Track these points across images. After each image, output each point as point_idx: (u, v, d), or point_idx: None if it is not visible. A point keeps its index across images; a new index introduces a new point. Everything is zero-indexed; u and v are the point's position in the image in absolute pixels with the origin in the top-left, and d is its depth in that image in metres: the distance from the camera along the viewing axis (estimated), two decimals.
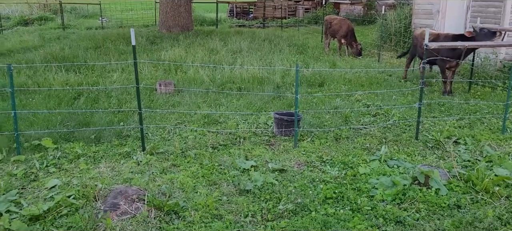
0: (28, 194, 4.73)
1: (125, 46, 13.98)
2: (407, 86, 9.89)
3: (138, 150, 5.99)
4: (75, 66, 10.55)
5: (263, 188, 4.94)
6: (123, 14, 26.56)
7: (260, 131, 6.90)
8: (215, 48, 13.38)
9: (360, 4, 23.87)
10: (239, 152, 5.97)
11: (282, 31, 19.43)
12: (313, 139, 6.56)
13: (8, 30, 20.14)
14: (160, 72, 10.62)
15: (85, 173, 5.26)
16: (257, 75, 9.93)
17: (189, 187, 4.92)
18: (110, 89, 8.86)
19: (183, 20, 18.06)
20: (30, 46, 14.64)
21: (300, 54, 13.30)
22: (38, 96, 8.39)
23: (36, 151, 5.84)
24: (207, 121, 7.28)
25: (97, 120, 7.09)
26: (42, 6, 25.84)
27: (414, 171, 5.18)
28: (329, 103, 8.34)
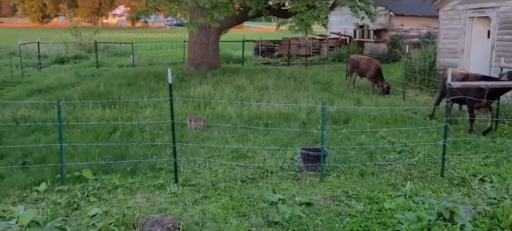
0: (71, 221, 5.07)
1: (155, 83, 14.61)
2: (432, 123, 10.00)
3: (171, 182, 6.31)
4: (110, 102, 11.10)
5: (291, 220, 5.14)
6: (152, 52, 27.65)
7: (287, 165, 7.14)
8: (242, 86, 13.83)
9: (384, 42, 24.19)
10: (267, 186, 6.21)
11: (306, 69, 19.85)
12: (339, 174, 6.75)
13: (46, 67, 21.22)
14: (190, 108, 11.06)
15: (123, 202, 5.58)
16: (283, 112, 10.25)
17: (220, 217, 5.17)
18: (143, 124, 9.30)
19: (211, 58, 18.72)
20: (67, 83, 15.46)
21: (324, 91, 13.59)
22: (76, 131, 8.89)
23: (77, 182, 6.22)
24: (235, 155, 7.58)
25: (132, 153, 7.48)
26: (77, 45, 27.16)
27: (439, 207, 5.29)
28: (354, 139, 8.53)
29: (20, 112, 9.96)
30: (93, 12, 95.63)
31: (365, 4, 17.13)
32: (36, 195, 5.82)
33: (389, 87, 13.41)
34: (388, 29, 24.23)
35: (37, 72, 19.66)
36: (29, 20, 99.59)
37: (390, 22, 24.15)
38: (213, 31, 18.09)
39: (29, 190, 5.98)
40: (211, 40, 18.57)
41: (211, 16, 14.49)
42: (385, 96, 13.16)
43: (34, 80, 16.47)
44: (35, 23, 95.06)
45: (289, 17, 19.32)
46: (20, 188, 6.02)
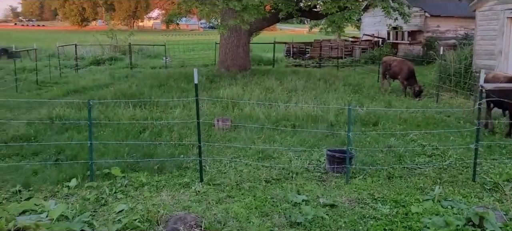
0: (99, 216, 5.22)
1: (186, 84, 14.82)
2: (466, 127, 9.67)
3: (196, 180, 6.38)
4: (141, 103, 11.35)
5: (314, 221, 5.10)
6: (185, 54, 28.09)
7: (312, 167, 7.09)
8: (271, 87, 13.83)
9: (419, 44, 23.62)
10: (291, 186, 6.18)
11: (337, 71, 19.64)
12: (365, 177, 6.63)
13: (82, 69, 21.93)
14: (218, 109, 11.15)
15: (148, 200, 5.69)
16: (311, 114, 10.17)
17: (243, 217, 5.19)
18: (172, 124, 9.46)
19: (241, 60, 18.82)
20: (101, 83, 15.94)
21: (355, 93, 13.40)
22: (108, 130, 9.14)
23: (106, 179, 6.39)
24: (261, 156, 7.58)
25: (160, 152, 7.62)
26: (112, 47, 27.93)
27: (469, 212, 5.11)
28: (383, 142, 8.37)
29: (55, 111, 10.33)
30: (129, 16, 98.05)
31: (399, 4, 16.78)
32: (67, 191, 6.01)
33: (421, 90, 13.07)
34: (423, 31, 23.65)
35: (74, 73, 20.36)
36: (69, 23, 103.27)
37: (426, 23, 23.57)
38: (243, 33, 18.19)
39: (61, 185, 6.19)
40: (242, 42, 18.66)
41: (241, 18, 14.57)
42: (416, 99, 12.84)
43: (71, 81, 17.06)
44: (75, 26, 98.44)
45: (320, 18, 19.16)
46: (52, 184, 6.24)
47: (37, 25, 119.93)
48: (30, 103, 12.19)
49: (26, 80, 16.70)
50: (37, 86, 16.10)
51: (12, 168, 6.86)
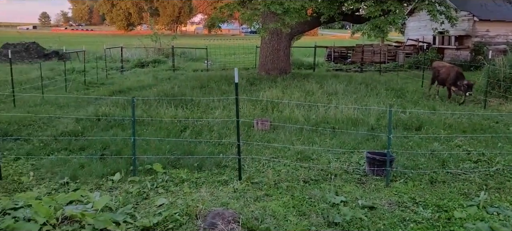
0: (140, 209, 5.38)
1: (226, 86, 15.01)
2: None
3: (235, 179, 6.45)
4: (182, 103, 11.60)
5: (352, 222, 5.04)
6: (226, 58, 28.45)
7: (351, 169, 7.00)
8: (311, 90, 13.77)
9: (466, 49, 22.79)
10: (329, 187, 6.13)
11: (380, 76, 19.26)
12: (407, 180, 6.48)
13: (127, 71, 22.67)
14: (258, 110, 11.21)
15: (188, 195, 5.81)
16: (351, 117, 10.05)
17: (280, 215, 5.20)
18: (212, 123, 9.61)
19: (282, 64, 18.86)
20: (145, 85, 16.41)
21: (397, 98, 13.11)
22: (150, 128, 9.40)
23: (148, 174, 6.58)
24: (300, 157, 7.56)
25: (200, 150, 7.76)
26: (156, 50, 28.72)
27: None
28: (426, 146, 8.14)
29: (101, 109, 10.73)
30: (173, 20, 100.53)
31: (446, 8, 16.27)
32: (111, 184, 6.24)
33: (470, 85, 12.44)
34: (471, 35, 22.80)
35: (119, 75, 21.07)
36: (115, 28, 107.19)
37: (474, 28, 22.70)
38: (284, 36, 18.23)
39: (105, 179, 6.43)
40: (282, 45, 18.71)
41: (282, 21, 14.61)
42: (466, 95, 12.39)
43: (116, 82, 17.68)
44: (121, 30, 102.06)
45: (363, 22, 18.89)
46: (97, 177, 6.50)
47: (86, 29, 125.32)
48: (78, 101, 12.75)
49: (75, 81, 17.44)
50: (84, 87, 16.77)
51: (61, 161, 7.19)
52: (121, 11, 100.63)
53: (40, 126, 9.82)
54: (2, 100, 12.60)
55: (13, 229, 4.64)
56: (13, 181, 6.39)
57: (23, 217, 4.87)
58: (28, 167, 7.09)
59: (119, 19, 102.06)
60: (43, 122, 10.06)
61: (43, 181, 6.44)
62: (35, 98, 13.10)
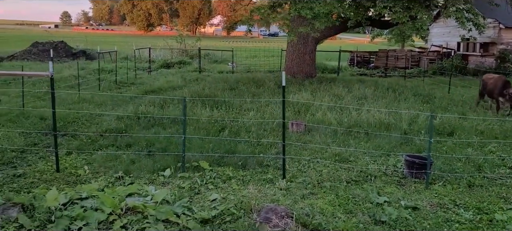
0: (195, 203, 5.72)
1: (255, 88, 15.32)
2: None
3: (279, 177, 6.76)
4: (216, 104, 11.95)
5: (398, 221, 5.29)
6: (248, 60, 28.83)
7: (390, 171, 7.24)
8: (340, 94, 14.00)
9: (492, 56, 22.73)
10: (371, 188, 6.38)
11: (405, 81, 19.37)
12: (445, 184, 6.70)
13: (154, 71, 23.18)
14: (290, 113, 11.48)
15: (237, 191, 6.14)
16: (383, 121, 10.26)
17: (328, 212, 5.48)
18: (248, 124, 9.93)
19: (307, 67, 19.10)
20: (175, 85, 16.82)
21: (426, 104, 13.25)
22: (189, 127, 9.76)
23: (196, 171, 6.93)
24: (338, 158, 7.82)
25: (240, 150, 8.08)
26: (181, 51, 29.24)
27: None
28: (460, 151, 8.33)
29: (140, 108, 11.15)
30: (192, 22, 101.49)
31: (474, 15, 16.33)
32: (163, 179, 6.60)
33: None
34: (496, 43, 22.74)
35: (147, 75, 21.57)
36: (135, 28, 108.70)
37: (500, 35, 22.64)
38: (311, 40, 18.48)
39: (156, 174, 6.80)
40: (308, 49, 18.95)
41: (312, 25, 14.87)
42: None
43: (146, 82, 18.15)
44: (141, 31, 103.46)
45: (388, 28, 19.02)
46: (148, 172, 6.88)
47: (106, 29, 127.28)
48: (114, 100, 13.22)
49: (106, 80, 17.97)
50: (116, 86, 17.28)
51: (111, 157, 7.59)
52: (141, 11, 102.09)
53: (83, 122, 10.28)
54: (41, 97, 13.13)
55: (83, 217, 5.02)
56: (70, 174, 6.81)
57: (90, 206, 5.25)
58: (81, 161, 7.51)
59: (139, 19, 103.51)
60: (85, 119, 10.52)
61: (97, 174, 6.84)
62: (72, 96, 13.61)
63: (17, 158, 7.56)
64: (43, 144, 8.50)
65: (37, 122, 9.89)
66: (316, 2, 14.92)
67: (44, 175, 6.67)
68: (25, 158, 7.62)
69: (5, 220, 4.84)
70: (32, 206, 5.14)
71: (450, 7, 16.42)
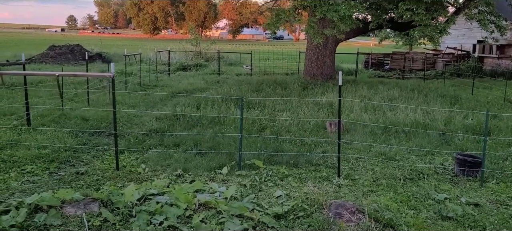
0: (261, 199, 5.86)
1: (281, 90, 15.49)
2: None
3: (334, 175, 6.90)
4: (249, 104, 12.11)
5: (464, 217, 5.43)
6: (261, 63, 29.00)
7: (440, 170, 7.37)
8: (366, 95, 14.14)
9: (509, 59, 22.84)
10: (428, 185, 6.53)
11: (425, 83, 19.49)
12: (498, 181, 6.83)
13: (172, 74, 23.37)
14: (324, 113, 11.63)
15: (297, 189, 6.28)
16: (419, 120, 10.40)
17: (394, 208, 5.62)
18: (286, 124, 10.09)
19: (327, 69, 19.24)
20: (199, 87, 17.01)
21: (453, 104, 13.37)
22: (229, 127, 9.92)
23: (251, 169, 7.08)
24: (384, 157, 7.97)
25: (287, 149, 8.24)
26: (196, 54, 29.43)
27: None
28: (502, 150, 8.46)
29: (177, 109, 11.32)
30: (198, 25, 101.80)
31: (496, 17, 16.48)
32: (221, 177, 6.75)
33: None
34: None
35: (167, 77, 21.76)
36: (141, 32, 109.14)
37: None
38: (330, 43, 18.63)
39: (214, 172, 6.95)
40: (328, 52, 19.09)
41: (337, 28, 15.03)
42: None
43: (168, 84, 18.33)
44: (147, 34, 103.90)
45: (409, 30, 19.15)
46: (205, 170, 7.03)
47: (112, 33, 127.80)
48: (145, 101, 13.41)
49: (131, 83, 18.16)
50: (140, 88, 17.46)
51: (163, 156, 7.75)
52: (147, 15, 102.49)
53: (124, 123, 10.45)
54: (75, 100, 13.32)
55: (161, 212, 5.18)
56: (130, 172, 6.96)
57: (165, 202, 5.40)
58: (134, 160, 7.67)
59: (145, 23, 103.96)
60: (125, 120, 10.69)
61: (156, 172, 7.00)
62: (104, 98, 13.80)
63: (72, 157, 7.73)
64: (92, 143, 8.66)
65: (80, 123, 10.06)
66: (341, 4, 15.09)
67: (106, 173, 6.83)
68: (79, 157, 7.79)
69: (89, 214, 5.00)
70: (111, 201, 5.30)
71: (472, 9, 16.57)
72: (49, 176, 6.71)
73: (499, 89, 16.73)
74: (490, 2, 16.63)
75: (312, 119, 10.75)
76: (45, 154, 7.62)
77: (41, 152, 7.69)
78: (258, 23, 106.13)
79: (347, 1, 15.81)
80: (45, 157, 7.52)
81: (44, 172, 6.87)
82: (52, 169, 7.02)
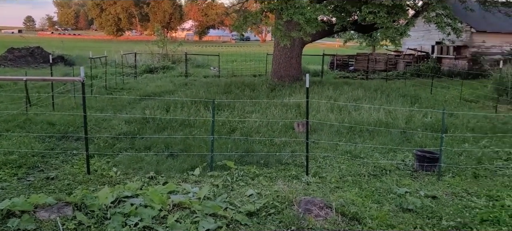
0: (233, 198, 6.06)
1: (249, 91, 15.72)
2: None
3: (303, 174, 7.19)
4: (218, 107, 12.27)
5: (423, 208, 5.82)
6: (228, 65, 29.17)
7: (401, 165, 7.80)
8: (332, 96, 14.59)
9: (464, 59, 23.98)
10: (390, 181, 6.91)
11: (387, 83, 20.22)
12: (453, 175, 7.31)
13: (139, 77, 23.17)
14: (290, 114, 11.95)
15: (268, 187, 6.52)
16: (382, 120, 10.88)
17: (359, 203, 5.95)
18: (255, 126, 10.33)
19: (294, 71, 19.64)
20: (167, 90, 17.00)
21: (413, 104, 14.00)
22: (199, 130, 10.06)
23: (223, 169, 7.26)
24: (350, 155, 8.33)
25: (257, 149, 8.47)
26: (163, 56, 29.22)
27: None
28: (458, 146, 9.01)
29: (147, 112, 11.34)
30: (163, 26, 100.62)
31: (452, 20, 17.34)
32: (194, 178, 6.90)
33: None
34: (468, 46, 24.03)
35: (133, 80, 21.57)
36: (104, 33, 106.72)
37: (471, 39, 23.95)
38: (297, 44, 19.04)
39: (186, 173, 7.10)
40: (295, 53, 19.50)
41: (303, 30, 15.42)
42: None
43: (136, 87, 18.20)
44: (110, 36, 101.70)
45: (371, 32, 19.83)
46: (178, 172, 7.16)
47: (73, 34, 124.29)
48: (112, 105, 13.32)
49: (96, 86, 17.92)
50: (107, 91, 17.27)
51: (135, 159, 7.81)
52: (110, 16, 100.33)
53: (92, 127, 10.38)
54: (39, 104, 13.07)
55: (136, 213, 5.29)
56: (102, 175, 7.00)
57: (139, 203, 5.51)
58: (105, 163, 7.69)
59: (108, 24, 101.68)
60: (93, 124, 10.62)
61: (128, 175, 7.07)
62: (69, 102, 13.61)
63: (40, 162, 7.67)
64: (60, 148, 8.60)
65: (47, 127, 9.94)
66: (307, 7, 15.49)
67: (77, 177, 6.84)
68: (48, 162, 7.74)
69: (63, 218, 5.06)
70: (84, 204, 5.37)
71: (430, 12, 17.36)
72: (18, 182, 6.67)
73: (455, 88, 17.59)
74: (447, 6, 17.48)
75: (281, 120, 11.04)
76: (12, 160, 7.53)
77: (7, 158, 7.59)
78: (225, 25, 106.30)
79: (313, 4, 16.25)
80: (12, 162, 7.44)
81: (12, 178, 6.81)
82: (20, 175, 6.97)
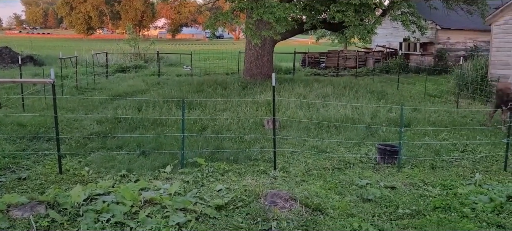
0: (203, 193, 6.31)
1: (221, 90, 15.94)
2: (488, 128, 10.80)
3: (270, 169, 7.50)
4: (190, 105, 12.46)
5: (381, 198, 6.21)
6: (201, 63, 29.27)
7: (364, 159, 8.22)
8: (302, 93, 14.97)
9: (430, 55, 24.85)
10: (353, 173, 7.30)
11: (357, 80, 20.79)
12: (412, 167, 7.77)
13: (111, 76, 23.04)
14: (261, 111, 12.26)
15: (237, 182, 6.79)
16: (348, 116, 11.32)
17: (323, 194, 6.30)
18: (227, 123, 10.59)
19: (266, 69, 19.96)
20: (139, 89, 17.03)
21: (381, 99, 14.53)
22: (171, 128, 10.24)
23: (193, 166, 7.49)
24: (317, 150, 8.70)
25: (227, 146, 8.74)
26: (135, 55, 29.07)
27: (509, 191, 6.24)
28: (419, 139, 9.51)
29: (119, 112, 11.43)
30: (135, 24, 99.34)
31: (416, 18, 18.00)
32: (165, 175, 7.12)
33: None
34: (434, 43, 24.91)
35: (105, 80, 21.45)
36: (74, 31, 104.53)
37: (437, 36, 24.83)
38: (268, 43, 19.36)
39: (158, 171, 7.30)
40: (266, 52, 19.82)
41: (274, 29, 15.74)
42: None
43: (107, 87, 18.15)
44: (80, 34, 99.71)
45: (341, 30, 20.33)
46: (149, 170, 7.36)
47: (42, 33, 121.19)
48: (84, 105, 13.32)
49: (67, 86, 17.79)
50: (78, 91, 17.18)
51: (107, 158, 7.96)
52: (80, 14, 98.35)
53: (63, 127, 10.41)
54: (9, 106, 12.95)
55: (108, 210, 5.47)
56: (74, 175, 7.13)
57: (111, 200, 5.70)
58: (77, 163, 7.81)
59: (78, 22, 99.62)
60: (64, 124, 10.65)
61: (100, 174, 7.22)
62: (39, 103, 13.53)
63: (11, 163, 7.72)
64: (31, 149, 8.65)
65: (17, 129, 9.92)
66: (277, 6, 15.82)
67: (50, 177, 6.95)
68: (19, 163, 7.80)
69: (36, 216, 5.20)
70: (57, 203, 5.52)
71: (396, 11, 17.98)
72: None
73: (421, 84, 18.26)
74: (411, 4, 18.13)
75: (251, 117, 11.33)
76: None
77: None
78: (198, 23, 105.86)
79: (282, 3, 16.58)
80: None
81: None
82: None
